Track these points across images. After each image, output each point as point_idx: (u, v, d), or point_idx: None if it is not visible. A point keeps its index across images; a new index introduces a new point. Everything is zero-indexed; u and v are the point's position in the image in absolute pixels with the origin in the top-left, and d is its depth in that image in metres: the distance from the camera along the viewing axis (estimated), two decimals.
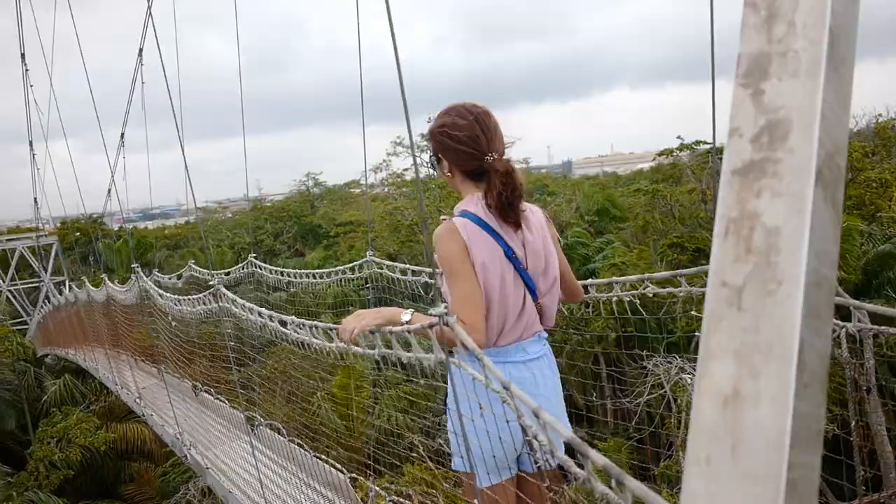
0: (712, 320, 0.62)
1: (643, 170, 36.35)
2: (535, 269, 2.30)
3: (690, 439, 0.62)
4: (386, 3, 1.88)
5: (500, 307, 2.21)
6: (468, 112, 2.34)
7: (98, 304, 10.17)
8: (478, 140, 2.26)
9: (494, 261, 2.20)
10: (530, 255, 2.29)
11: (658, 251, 18.46)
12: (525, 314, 2.27)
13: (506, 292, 2.22)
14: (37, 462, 17.53)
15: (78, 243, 34.07)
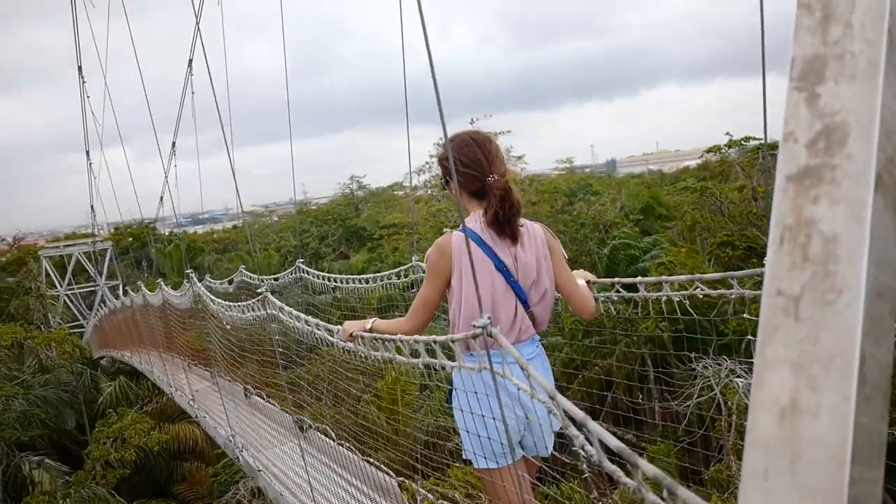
0: (768, 330, 0.61)
1: (689, 167, 35.75)
2: (526, 281, 2.54)
3: (747, 451, 0.61)
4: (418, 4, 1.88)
5: (493, 314, 2.45)
6: (472, 139, 2.59)
7: (154, 308, 10.42)
8: (480, 163, 2.52)
9: (484, 272, 2.45)
10: (521, 268, 2.53)
11: (707, 250, 18.10)
12: (518, 321, 2.51)
13: (497, 300, 2.47)
14: (94, 461, 18.01)
15: (131, 248, 35.05)
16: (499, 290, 2.48)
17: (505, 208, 2.47)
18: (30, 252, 37.24)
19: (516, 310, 2.51)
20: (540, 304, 2.59)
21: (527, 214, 11.23)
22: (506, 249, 2.51)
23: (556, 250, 2.70)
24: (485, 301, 2.44)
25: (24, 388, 20.24)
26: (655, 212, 24.89)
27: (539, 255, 2.59)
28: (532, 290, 2.55)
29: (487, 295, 2.46)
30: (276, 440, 6.35)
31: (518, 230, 2.53)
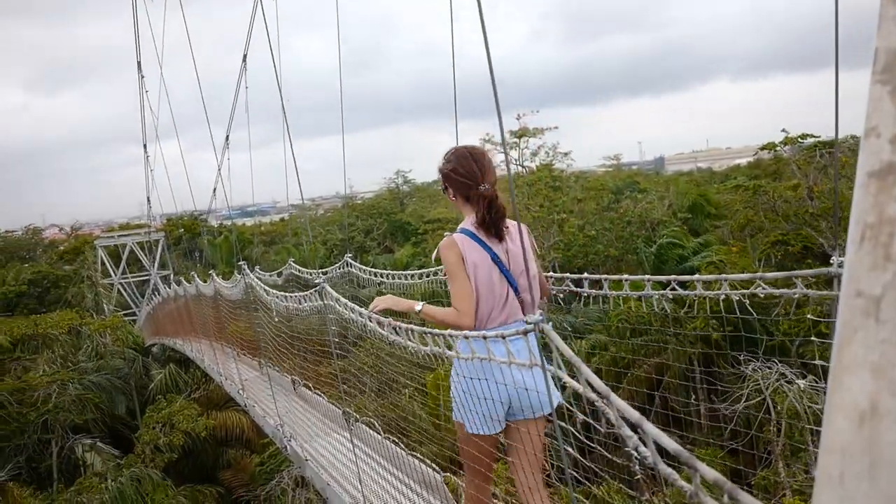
0: (847, 331, 0.59)
1: (740, 165, 34.93)
2: (516, 270, 2.96)
3: (821, 456, 0.59)
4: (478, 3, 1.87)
5: (488, 298, 2.90)
6: (469, 153, 3.07)
7: (206, 297, 10.61)
8: (474, 174, 2.98)
9: (483, 265, 2.90)
10: (512, 259, 2.96)
11: (760, 249, 17.67)
12: (508, 305, 2.93)
13: (493, 287, 2.90)
14: (143, 445, 18.51)
15: (182, 239, 35.86)
16: (495, 279, 2.91)
17: (491, 213, 2.92)
18: (86, 241, 38.47)
19: (507, 295, 2.94)
20: (527, 289, 2.97)
21: (572, 212, 11.24)
22: (497, 245, 2.96)
23: (534, 246, 3.20)
24: (486, 287, 2.89)
25: (80, 373, 20.89)
26: (704, 210, 24.40)
27: (526, 249, 2.85)
28: (521, 279, 2.95)
29: (486, 282, 2.89)
30: (323, 431, 6.40)
31: (503, 230, 2.97)
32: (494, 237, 2.95)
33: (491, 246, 2.94)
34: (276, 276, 8.47)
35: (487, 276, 2.89)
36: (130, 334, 24.47)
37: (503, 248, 2.97)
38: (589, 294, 4.34)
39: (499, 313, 2.92)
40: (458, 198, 3.09)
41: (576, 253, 21.63)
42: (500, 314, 2.92)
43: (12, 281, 28.77)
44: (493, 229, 2.94)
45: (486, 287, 2.89)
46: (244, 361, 9.95)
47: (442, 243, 2.98)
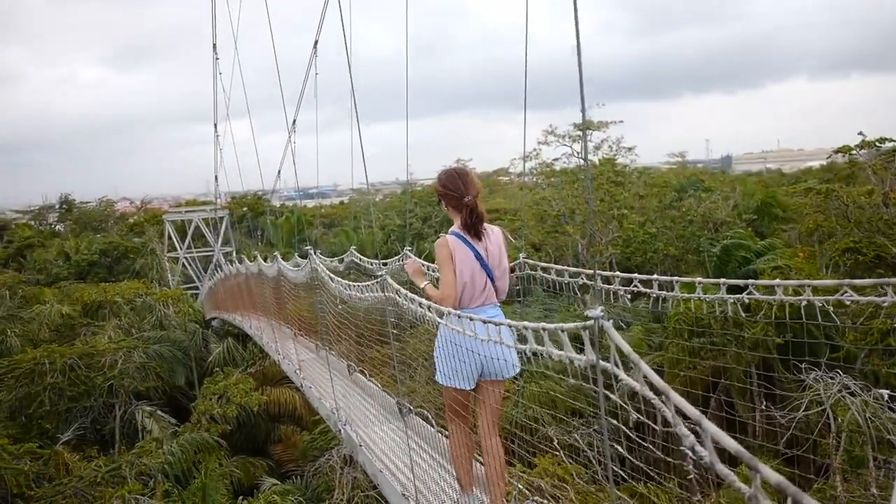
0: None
1: (812, 168, 33.70)
2: (493, 264, 3.90)
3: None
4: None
5: (471, 285, 3.81)
6: (455, 173, 3.98)
7: (267, 277, 10.78)
8: (460, 189, 3.87)
9: (467, 259, 3.80)
10: (490, 256, 3.88)
11: (829, 256, 17.06)
12: (486, 290, 3.87)
13: (474, 277, 3.81)
14: (199, 415, 19.08)
15: (246, 217, 36.65)
16: (476, 270, 3.82)
17: (472, 218, 3.83)
18: (155, 215, 39.75)
19: (486, 283, 3.86)
20: (501, 279, 3.95)
21: (633, 208, 11.16)
22: (479, 244, 3.86)
23: (507, 246, 4.07)
24: (469, 277, 3.80)
25: (144, 342, 21.65)
26: (772, 213, 23.65)
27: (500, 248, 3.96)
28: (496, 270, 3.91)
29: (469, 273, 3.79)
30: (377, 419, 6.42)
31: (481, 232, 3.87)
32: (475, 237, 3.85)
33: (474, 245, 3.84)
34: (337, 262, 8.57)
35: (470, 269, 3.80)
36: (191, 307, 25.15)
37: (483, 245, 3.87)
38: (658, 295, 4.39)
39: (479, 297, 3.84)
40: (448, 207, 3.98)
41: (634, 250, 21.29)
42: (480, 297, 3.84)
43: (85, 250, 29.92)
44: (474, 231, 3.84)
45: (469, 277, 3.79)
46: (301, 342, 10.13)
47: (437, 242, 3.90)
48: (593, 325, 2.02)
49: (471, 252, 3.81)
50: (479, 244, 3.85)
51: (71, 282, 27.13)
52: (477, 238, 3.86)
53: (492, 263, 3.87)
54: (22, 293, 24.33)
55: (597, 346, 2.02)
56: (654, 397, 1.72)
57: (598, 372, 2.07)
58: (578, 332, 2.20)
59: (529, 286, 5.70)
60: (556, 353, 2.30)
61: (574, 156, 23.75)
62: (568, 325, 2.24)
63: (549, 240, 23.85)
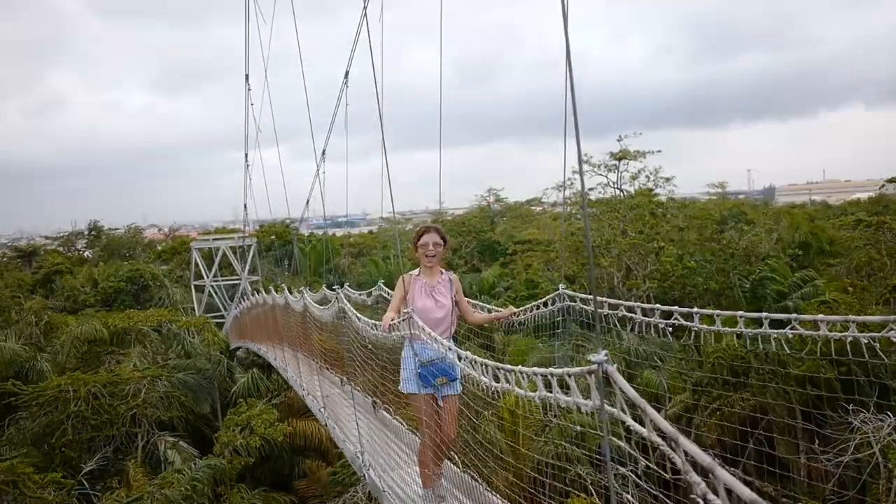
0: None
1: (860, 200, 32.59)
2: (442, 301, 4.89)
3: None
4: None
5: (426, 317, 4.53)
6: (424, 229, 5.11)
7: (294, 311, 10.42)
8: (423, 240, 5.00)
9: (423, 295, 4.86)
10: (439, 295, 4.90)
11: (880, 293, 16.27)
12: (442, 324, 4.81)
13: (428, 312, 4.73)
14: (222, 446, 18.68)
15: (274, 245, 36.57)
16: (430, 306, 4.81)
17: (427, 265, 4.98)
18: (183, 242, 39.84)
19: (441, 317, 4.82)
20: (450, 315, 4.90)
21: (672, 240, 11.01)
22: (433, 283, 4.92)
23: (460, 288, 5.07)
24: (422, 309, 4.65)
25: (169, 370, 21.36)
26: (818, 247, 22.75)
27: (448, 289, 4.96)
28: (443, 307, 4.88)
29: (422, 309, 4.68)
30: (402, 461, 6.02)
31: (436, 275, 4.99)
32: (429, 278, 4.94)
33: (428, 283, 4.91)
34: (364, 296, 8.13)
35: (423, 303, 4.78)
36: (216, 336, 24.91)
37: (435, 284, 4.93)
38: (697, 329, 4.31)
39: (434, 328, 4.29)
40: (417, 252, 5.04)
41: (672, 284, 20.54)
42: (436, 329, 4.37)
43: (111, 277, 29.96)
44: (428, 274, 4.95)
45: (425, 312, 4.67)
46: (326, 376, 9.67)
47: (402, 276, 4.95)
48: (598, 370, 1.98)
49: (426, 288, 4.90)
50: (432, 284, 4.93)
51: (97, 309, 27.10)
52: (431, 278, 4.95)
53: (441, 301, 4.90)
54: (47, 319, 24.26)
55: (602, 390, 1.98)
56: (662, 443, 1.67)
57: (604, 418, 2.05)
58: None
59: (566, 319, 5.64)
60: (563, 398, 2.25)
61: (609, 185, 23.19)
62: (574, 369, 2.20)
63: (584, 272, 23.17)
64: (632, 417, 1.93)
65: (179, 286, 32.51)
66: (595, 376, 2.01)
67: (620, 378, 1.93)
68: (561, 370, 2.30)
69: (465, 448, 4.92)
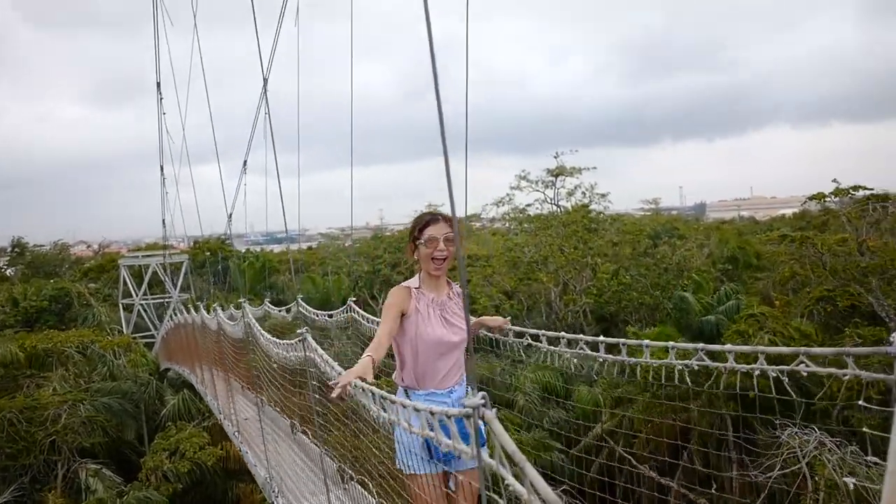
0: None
1: (785, 216, 33.76)
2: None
3: None
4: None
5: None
6: (430, 217, 3.40)
7: (210, 330, 10.06)
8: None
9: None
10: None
11: (804, 305, 16.69)
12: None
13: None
14: (148, 472, 17.97)
15: (207, 263, 35.60)
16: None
17: None
18: (112, 260, 38.43)
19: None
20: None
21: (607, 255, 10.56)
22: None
23: None
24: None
25: (92, 394, 20.44)
26: (746, 261, 23.34)
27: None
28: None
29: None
30: (315, 488, 5.74)
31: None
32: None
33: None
34: (284, 313, 7.81)
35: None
36: (144, 357, 24.01)
37: None
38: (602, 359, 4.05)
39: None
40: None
41: (608, 299, 20.71)
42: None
43: (33, 296, 28.63)
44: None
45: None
46: (246, 397, 9.29)
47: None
48: (473, 415, 1.74)
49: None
50: None
51: (16, 329, 25.79)
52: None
53: None
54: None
55: (478, 438, 1.76)
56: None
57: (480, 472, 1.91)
58: None
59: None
60: (445, 441, 1.98)
61: (546, 201, 23.37)
62: (453, 410, 1.95)
63: (521, 287, 23.19)
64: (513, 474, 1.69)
65: (107, 305, 31.27)
66: (471, 422, 1.76)
67: (499, 427, 1.70)
68: (439, 408, 2.09)
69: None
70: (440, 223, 3.29)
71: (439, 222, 3.29)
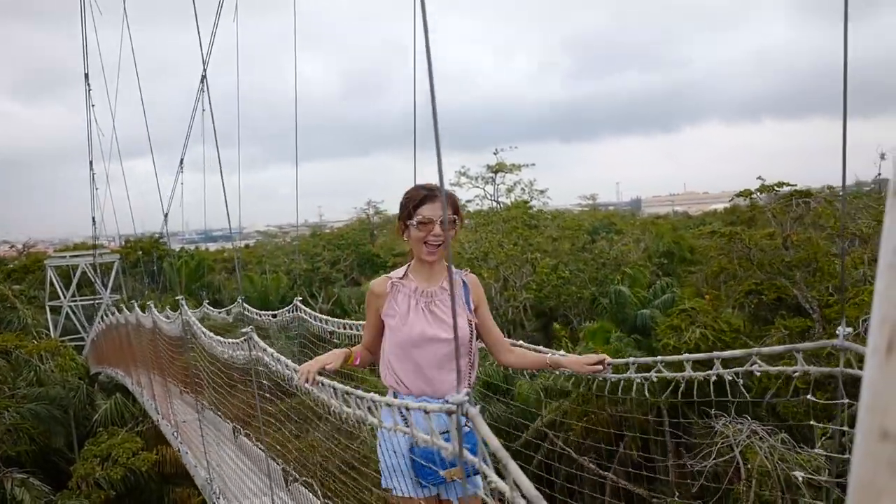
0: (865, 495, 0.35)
1: (716, 211, 34.95)
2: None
3: None
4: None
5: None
6: (425, 192, 2.88)
7: (145, 329, 9.76)
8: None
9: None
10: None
11: (735, 298, 17.28)
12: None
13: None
14: (79, 479, 17.40)
15: (140, 262, 34.56)
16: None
17: None
18: (37, 260, 36.87)
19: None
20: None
21: (546, 251, 10.60)
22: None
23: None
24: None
25: (17, 400, 19.61)
26: (680, 255, 24.05)
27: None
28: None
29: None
30: (257, 490, 5.63)
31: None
32: None
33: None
34: (224, 314, 7.63)
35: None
36: (73, 361, 23.14)
37: None
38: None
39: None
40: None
41: (548, 294, 21.02)
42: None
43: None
44: None
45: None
46: (186, 401, 9.06)
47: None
48: (457, 411, 1.69)
49: None
50: None
51: None
52: None
53: None
54: None
55: (461, 435, 1.70)
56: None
57: (461, 470, 1.81)
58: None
59: None
60: (422, 437, 1.95)
61: (486, 198, 23.57)
62: (432, 405, 1.92)
63: None
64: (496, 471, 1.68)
65: (33, 307, 29.98)
66: (454, 418, 1.70)
67: (483, 424, 1.66)
68: (418, 404, 2.04)
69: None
70: (437, 201, 2.77)
71: (436, 200, 2.77)
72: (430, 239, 2.76)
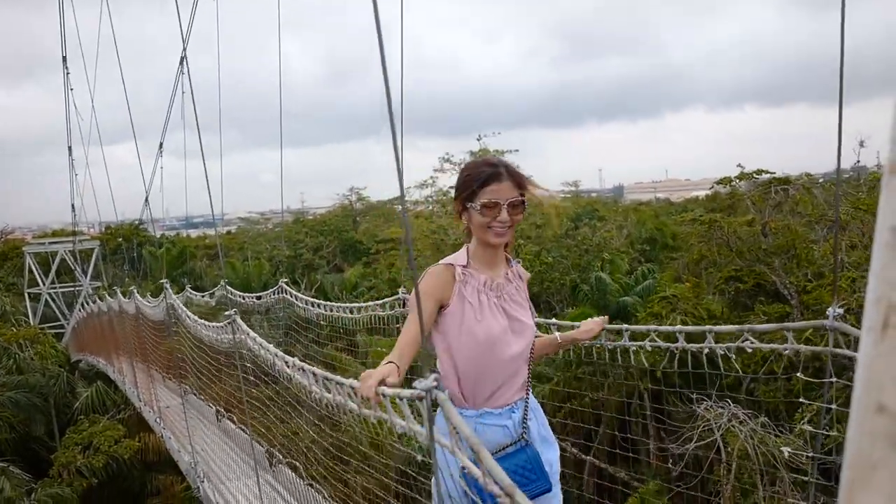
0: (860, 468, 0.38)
1: (698, 198, 35.22)
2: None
3: None
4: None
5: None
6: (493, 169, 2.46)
7: (128, 315, 9.72)
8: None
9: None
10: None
11: (715, 285, 17.49)
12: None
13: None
14: (60, 468, 17.33)
15: (121, 249, 34.29)
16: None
17: None
18: (15, 247, 36.44)
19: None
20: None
21: (529, 237, 10.59)
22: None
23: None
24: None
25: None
26: (662, 242, 24.26)
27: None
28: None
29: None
30: (241, 472, 5.69)
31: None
32: None
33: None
34: (208, 297, 7.62)
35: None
36: (54, 348, 22.97)
37: None
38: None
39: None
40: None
41: (531, 280, 21.08)
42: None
43: None
44: None
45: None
46: (168, 387, 9.05)
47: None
48: (426, 397, 1.65)
49: None
50: None
51: None
52: None
53: None
54: None
55: (430, 422, 1.65)
56: (500, 495, 1.45)
57: (433, 456, 1.72)
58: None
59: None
60: (399, 423, 1.86)
61: None
62: (405, 391, 1.81)
63: None
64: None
65: (11, 295, 29.68)
66: (423, 404, 1.66)
67: (453, 411, 1.62)
68: (392, 390, 1.93)
69: None
70: (504, 180, 2.36)
71: (503, 179, 2.36)
72: (496, 226, 2.36)
